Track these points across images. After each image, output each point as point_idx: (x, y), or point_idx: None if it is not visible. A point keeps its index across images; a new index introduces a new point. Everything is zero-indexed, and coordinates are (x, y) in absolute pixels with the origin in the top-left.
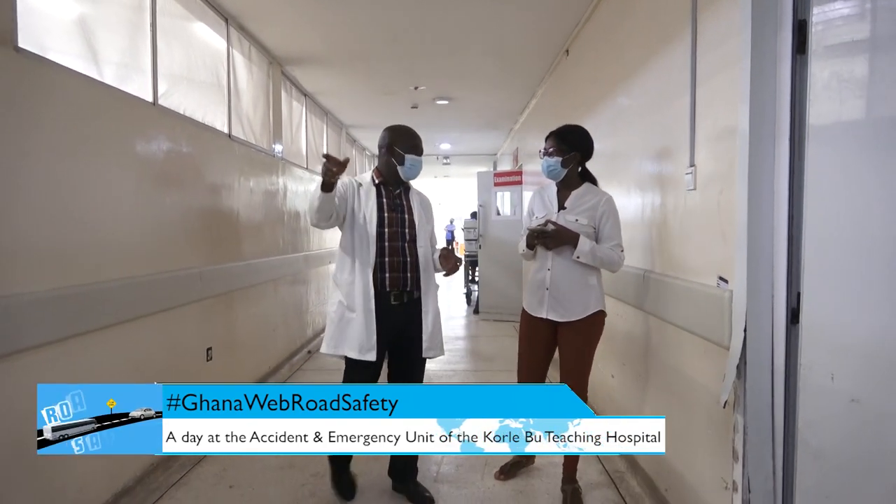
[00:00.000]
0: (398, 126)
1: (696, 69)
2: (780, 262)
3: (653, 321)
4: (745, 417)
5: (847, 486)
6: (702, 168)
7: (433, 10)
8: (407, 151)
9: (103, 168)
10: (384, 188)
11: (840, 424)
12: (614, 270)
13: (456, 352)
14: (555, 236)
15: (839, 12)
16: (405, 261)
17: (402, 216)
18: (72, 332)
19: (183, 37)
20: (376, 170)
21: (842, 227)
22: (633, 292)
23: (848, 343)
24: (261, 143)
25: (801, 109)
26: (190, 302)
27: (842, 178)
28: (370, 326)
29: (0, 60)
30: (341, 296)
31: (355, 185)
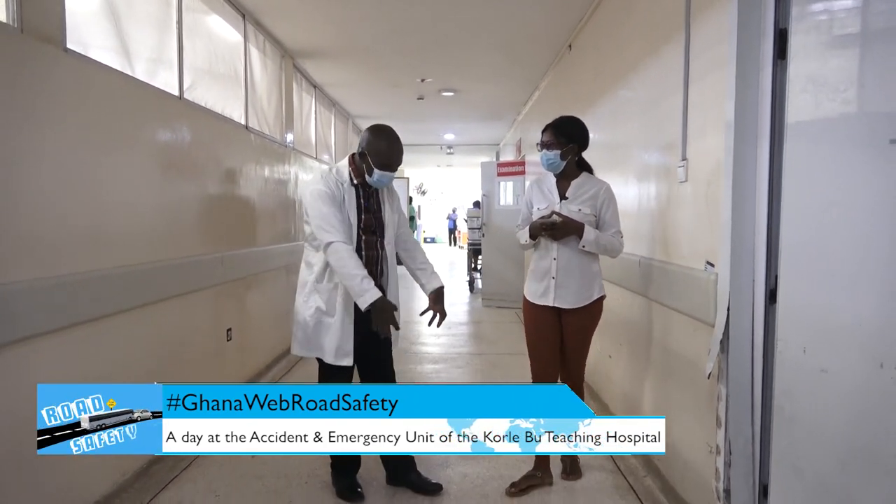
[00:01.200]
0: (379, 138)
1: (689, 70)
2: (761, 248)
3: (647, 303)
4: (728, 387)
5: (816, 449)
6: (693, 161)
7: (440, 7)
8: (378, 167)
9: (136, 159)
10: (362, 189)
11: (811, 393)
12: (614, 256)
13: (460, 336)
14: (562, 227)
15: (816, 22)
16: (377, 256)
17: (376, 216)
18: (107, 311)
19: (204, 32)
20: (354, 167)
21: (815, 216)
22: (629, 277)
23: (818, 320)
24: (274, 134)
25: (781, 109)
26: (213, 285)
27: (816, 171)
28: (347, 332)
29: (51, 61)
30: (321, 302)
31: (340, 186)
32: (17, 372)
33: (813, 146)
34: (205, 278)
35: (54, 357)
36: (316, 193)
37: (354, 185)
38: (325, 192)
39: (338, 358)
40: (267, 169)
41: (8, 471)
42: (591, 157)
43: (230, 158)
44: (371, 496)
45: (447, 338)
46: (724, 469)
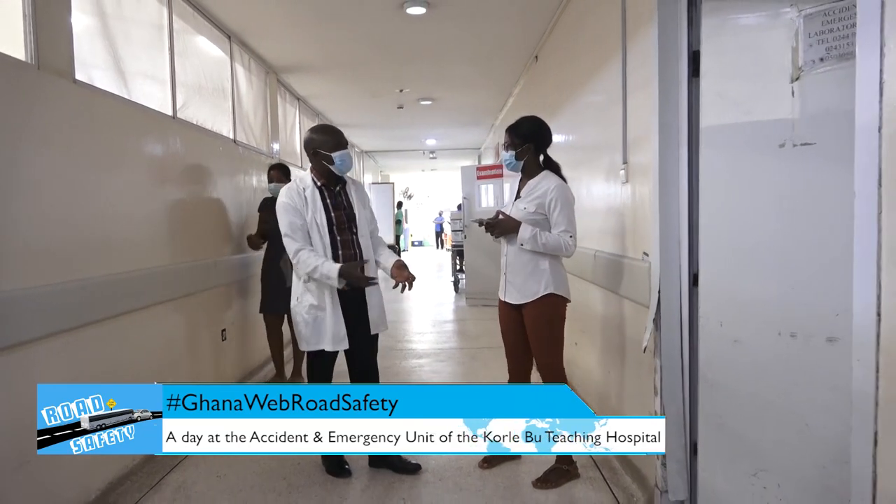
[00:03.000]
0: (317, 128)
1: (627, 84)
2: (684, 240)
3: (601, 292)
4: (661, 360)
5: (734, 408)
6: (631, 165)
7: (416, 24)
8: (333, 150)
9: (136, 175)
10: (326, 189)
11: (727, 360)
12: (565, 255)
13: (444, 333)
14: (496, 225)
15: (720, 44)
16: (354, 252)
17: (346, 212)
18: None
19: (193, 53)
20: (315, 171)
21: (724, 210)
22: (587, 269)
23: (731, 299)
24: (261, 146)
25: (696, 120)
26: (207, 288)
27: (723, 171)
28: (339, 319)
29: (63, 92)
30: (312, 299)
31: (302, 193)
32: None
33: (721, 151)
34: (200, 282)
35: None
36: (281, 207)
37: (319, 186)
38: (287, 204)
39: (335, 344)
40: (255, 178)
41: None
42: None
43: (220, 171)
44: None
45: (432, 335)
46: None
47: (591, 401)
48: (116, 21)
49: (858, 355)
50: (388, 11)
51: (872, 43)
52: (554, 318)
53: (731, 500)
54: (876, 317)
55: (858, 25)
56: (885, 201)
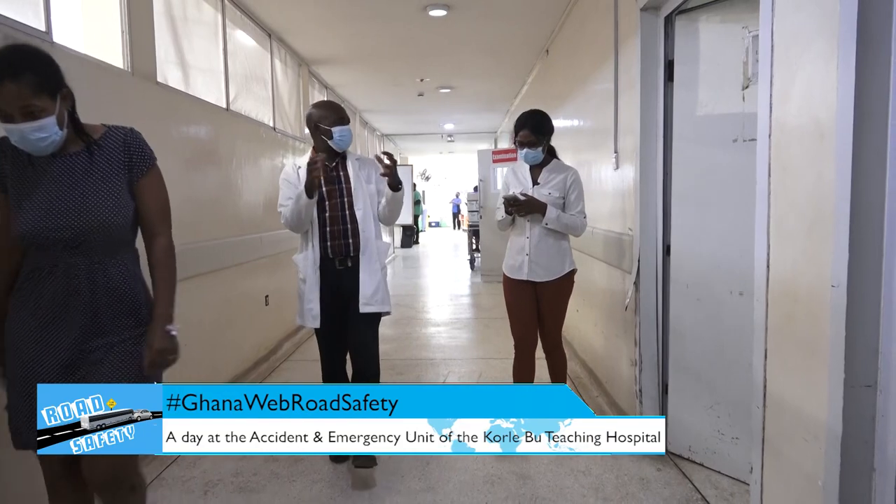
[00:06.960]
0: (318, 104)
1: (618, 83)
2: (659, 217)
3: (596, 263)
4: (640, 316)
5: (695, 354)
6: (620, 154)
7: (438, 24)
8: (332, 125)
9: (200, 161)
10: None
11: (691, 315)
12: (578, 234)
13: (461, 305)
14: (525, 204)
15: (691, 57)
16: (346, 228)
17: (340, 186)
18: (188, 274)
19: (241, 51)
20: (313, 149)
21: (691, 193)
22: (584, 244)
23: (695, 265)
24: (295, 132)
25: (670, 118)
26: (255, 258)
27: (689, 161)
28: (315, 296)
29: (150, 93)
30: (301, 273)
31: (296, 170)
32: None
33: (689, 143)
34: (249, 254)
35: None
36: (280, 182)
37: None
38: (283, 179)
39: (313, 321)
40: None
41: None
42: (565, 144)
43: (263, 155)
44: None
45: (449, 307)
46: (639, 375)
47: (587, 356)
48: (181, 23)
49: (757, 296)
50: (411, 13)
51: (765, 76)
52: (570, 291)
53: (694, 428)
54: (766, 268)
55: (760, 62)
56: (773, 187)
